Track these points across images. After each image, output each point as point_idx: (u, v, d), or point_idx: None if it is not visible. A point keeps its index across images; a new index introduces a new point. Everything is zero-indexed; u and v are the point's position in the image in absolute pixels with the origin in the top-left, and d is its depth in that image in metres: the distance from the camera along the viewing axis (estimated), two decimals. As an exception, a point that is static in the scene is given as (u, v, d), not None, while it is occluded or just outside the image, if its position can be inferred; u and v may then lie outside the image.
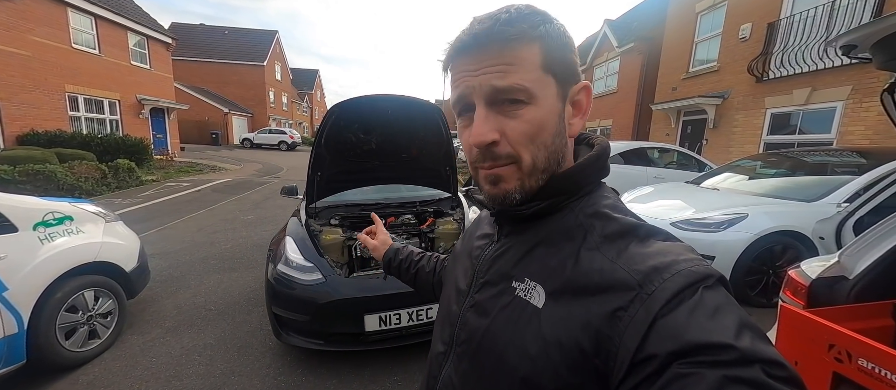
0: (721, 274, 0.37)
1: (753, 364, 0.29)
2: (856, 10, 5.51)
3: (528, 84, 0.41)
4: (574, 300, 0.39)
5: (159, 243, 4.58)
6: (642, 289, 0.35)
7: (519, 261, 0.47)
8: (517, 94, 0.41)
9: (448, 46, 0.45)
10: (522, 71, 0.41)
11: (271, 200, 7.62)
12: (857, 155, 3.84)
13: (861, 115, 5.54)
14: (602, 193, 0.48)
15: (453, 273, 0.61)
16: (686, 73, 9.25)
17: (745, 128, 7.46)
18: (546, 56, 0.42)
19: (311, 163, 2.67)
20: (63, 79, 10.12)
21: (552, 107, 0.43)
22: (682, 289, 0.34)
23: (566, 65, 0.44)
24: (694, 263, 0.37)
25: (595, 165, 0.47)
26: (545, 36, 0.42)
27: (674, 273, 0.36)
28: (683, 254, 0.38)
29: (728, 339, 0.30)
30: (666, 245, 0.40)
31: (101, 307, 2.40)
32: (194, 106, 21.02)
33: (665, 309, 0.33)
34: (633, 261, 0.38)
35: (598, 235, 0.42)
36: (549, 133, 0.43)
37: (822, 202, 2.92)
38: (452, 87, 0.45)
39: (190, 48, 26.04)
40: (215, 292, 3.27)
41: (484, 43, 0.41)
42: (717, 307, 0.33)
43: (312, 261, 2.17)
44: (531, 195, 0.45)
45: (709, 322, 0.32)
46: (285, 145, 22.95)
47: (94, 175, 7.77)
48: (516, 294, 0.44)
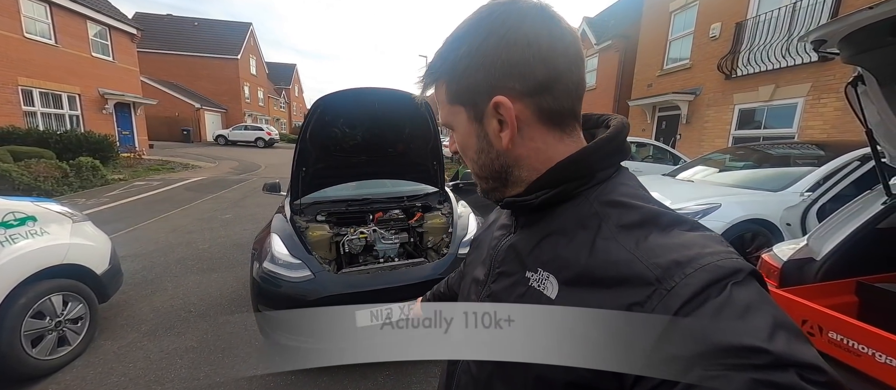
0: (753, 267, 0.35)
1: (788, 368, 0.27)
2: (815, 12, 5.87)
3: (446, 118, 0.49)
4: (588, 292, 0.38)
5: (131, 244, 4.35)
6: (661, 285, 0.33)
7: (532, 251, 0.46)
8: (448, 126, 0.50)
9: None
10: (442, 109, 0.49)
11: (250, 198, 7.38)
12: (815, 147, 4.12)
13: (819, 111, 5.92)
14: (620, 180, 0.45)
15: (473, 263, 0.62)
16: (661, 70, 9.59)
17: (716, 124, 7.83)
18: (449, 90, 0.47)
19: (295, 158, 2.60)
20: (15, 71, 9.39)
21: (468, 130, 0.48)
22: (707, 286, 0.31)
23: (474, 89, 0.44)
24: (721, 257, 0.34)
25: (606, 148, 0.45)
26: (447, 72, 0.46)
27: (697, 267, 0.33)
28: (710, 246, 0.35)
29: (760, 342, 0.28)
30: (692, 236, 0.37)
31: (71, 312, 2.26)
32: (163, 101, 19.98)
33: (687, 307, 0.31)
34: (652, 253, 0.36)
35: (615, 224, 0.40)
36: (473, 150, 0.49)
37: (787, 191, 3.12)
38: None
39: (157, 40, 24.68)
40: (194, 293, 3.14)
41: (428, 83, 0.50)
42: (748, 305, 0.31)
43: (300, 258, 2.12)
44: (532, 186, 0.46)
45: (738, 322, 0.30)
46: (263, 142, 22.24)
47: (53, 174, 7.27)
48: (530, 284, 0.44)
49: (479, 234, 0.67)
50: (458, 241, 2.38)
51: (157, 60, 24.15)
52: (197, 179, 9.61)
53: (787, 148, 4.46)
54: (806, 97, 6.11)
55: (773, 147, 4.53)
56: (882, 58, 1.17)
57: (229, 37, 27.86)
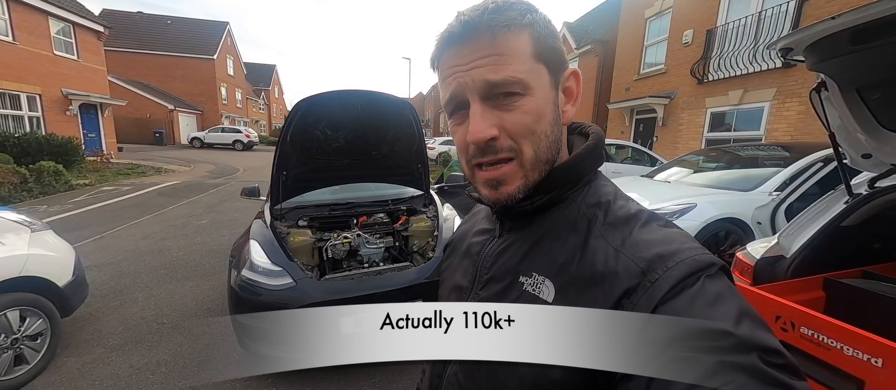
0: (723, 263, 0.37)
1: (751, 351, 0.30)
2: (778, 22, 6.21)
3: (522, 75, 0.40)
4: (583, 292, 0.39)
5: (98, 253, 4.11)
6: (646, 277, 0.36)
7: (525, 256, 0.46)
8: (513, 87, 0.40)
9: (436, 41, 0.43)
10: (516, 62, 0.40)
11: (228, 203, 7.13)
12: (781, 149, 4.35)
13: (784, 114, 6.26)
14: (600, 182, 0.48)
15: (452, 269, 0.59)
16: (638, 74, 9.91)
17: (690, 126, 8.15)
18: (536, 44, 0.41)
19: (275, 162, 2.53)
20: (-34, 69, 8.75)
21: (547, 96, 0.43)
22: (685, 277, 0.34)
23: (555, 52, 0.43)
24: (697, 252, 0.37)
25: (593, 154, 0.47)
26: (534, 23, 0.41)
27: (678, 261, 0.35)
28: (686, 242, 0.38)
29: (727, 326, 0.31)
30: (668, 232, 0.40)
31: (29, 328, 2.11)
32: (134, 102, 19.08)
33: (667, 296, 0.34)
34: (636, 248, 0.38)
35: (601, 224, 0.42)
36: (547, 122, 0.43)
37: (757, 191, 3.27)
38: (442, 86, 0.44)
39: (128, 38, 23.57)
40: (167, 304, 3.00)
41: (474, 34, 0.40)
42: (718, 295, 0.34)
43: (280, 265, 2.05)
44: (532, 189, 0.44)
45: (708, 309, 0.32)
46: (241, 145, 21.55)
47: (10, 179, 6.80)
48: (524, 289, 0.44)
49: (455, 238, 0.65)
50: (443, 245, 2.37)
51: (128, 59, 23.07)
52: (170, 184, 9.21)
53: (755, 149, 4.69)
54: (772, 101, 6.44)
55: (743, 149, 4.75)
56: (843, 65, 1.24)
57: (205, 36, 26.91)
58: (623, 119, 10.44)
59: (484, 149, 0.42)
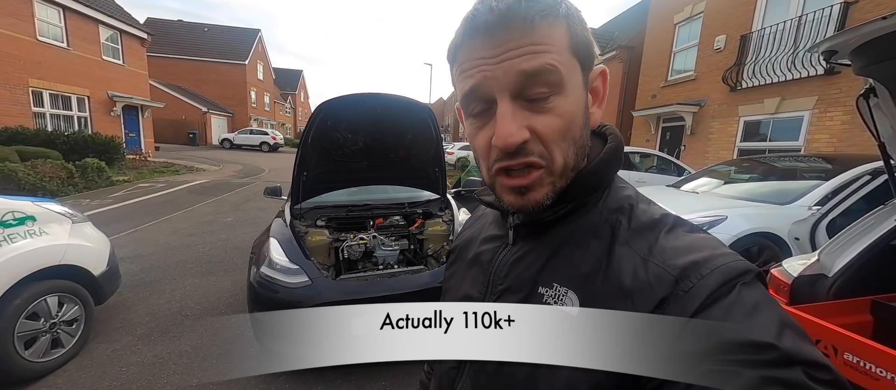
0: (759, 269, 0.35)
1: (795, 365, 0.28)
2: (821, 25, 5.85)
3: (560, 66, 0.36)
4: (610, 301, 0.36)
5: (131, 246, 4.34)
6: (678, 286, 0.33)
7: (545, 265, 0.43)
8: (547, 78, 0.36)
9: (459, 27, 0.38)
10: (552, 52, 0.36)
11: (252, 202, 7.39)
12: (822, 160, 4.07)
13: (826, 124, 5.86)
14: (620, 185, 0.45)
15: (458, 278, 0.55)
16: (665, 81, 9.59)
17: (721, 135, 7.78)
18: (572, 37, 0.37)
19: (296, 162, 2.59)
20: (26, 73, 9.55)
21: (580, 97, 0.39)
22: (720, 286, 0.32)
23: (588, 47, 0.39)
24: (732, 258, 0.34)
25: (616, 158, 0.44)
26: (570, 14, 0.37)
27: (712, 269, 0.33)
28: (718, 247, 0.36)
29: (769, 338, 0.29)
30: (698, 237, 0.38)
31: (66, 314, 2.24)
32: (171, 104, 20.22)
33: (702, 306, 0.32)
34: (666, 255, 0.36)
35: (626, 230, 0.40)
36: (578, 126, 0.39)
37: (795, 205, 3.06)
38: (462, 78, 0.39)
39: (168, 45, 25.11)
40: (192, 297, 3.12)
41: (506, 21, 0.35)
42: (756, 304, 0.32)
43: (298, 264, 2.09)
44: (558, 196, 0.41)
45: (747, 320, 0.30)
46: (267, 146, 22.39)
47: (59, 174, 7.33)
48: (545, 301, 0.40)
49: (459, 244, 0.60)
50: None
51: (167, 64, 24.53)
52: (200, 182, 9.66)
53: (793, 160, 4.41)
54: (812, 110, 6.06)
55: (779, 159, 4.48)
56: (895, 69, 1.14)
57: (238, 43, 28.29)
58: (649, 127, 10.10)
59: (513, 154, 0.38)
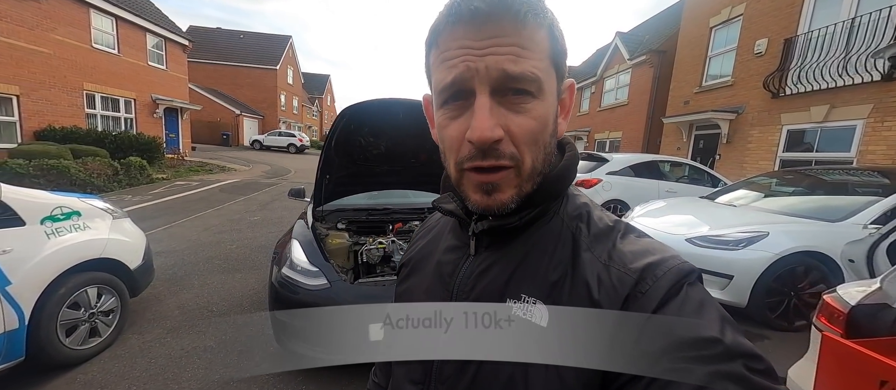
0: (699, 270, 0.38)
1: (736, 359, 0.30)
2: (877, 29, 5.39)
3: (540, 74, 0.36)
4: (578, 310, 0.37)
5: (165, 241, 4.58)
6: (637, 288, 0.35)
7: (512, 276, 0.41)
8: (528, 85, 0.36)
9: (443, 10, 0.37)
10: (535, 58, 0.36)
11: (278, 202, 7.64)
12: (879, 175, 3.71)
13: (883, 134, 5.38)
14: (574, 191, 0.47)
15: (415, 292, 0.52)
16: (699, 86, 9.14)
17: (760, 144, 7.31)
18: (552, 44, 0.38)
19: (320, 165, 2.64)
20: (82, 77, 10.36)
21: (552, 104, 0.39)
22: (672, 286, 0.35)
23: (564, 57, 0.40)
24: (679, 260, 0.37)
25: (574, 166, 0.45)
26: (553, 22, 0.38)
27: (665, 270, 0.36)
28: (668, 251, 0.39)
29: (715, 333, 0.32)
30: (648, 241, 0.41)
31: (104, 304, 2.37)
32: (207, 107, 21.40)
33: (659, 306, 0.34)
34: (625, 259, 0.38)
35: (586, 237, 0.41)
36: (548, 132, 0.39)
37: (847, 223, 2.81)
38: (442, 67, 0.37)
39: (206, 50, 26.61)
40: (218, 293, 3.23)
41: (495, 14, 0.34)
42: (701, 302, 0.34)
43: (318, 266, 2.12)
44: (524, 201, 0.40)
45: (695, 317, 0.33)
46: (294, 148, 23.18)
47: (106, 171, 7.88)
48: (514, 313, 0.39)
49: (413, 256, 0.57)
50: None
51: (205, 68, 25.99)
52: (231, 181, 10.11)
53: (844, 173, 4.06)
54: (866, 119, 5.57)
55: (828, 172, 4.14)
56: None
57: (271, 48, 29.60)
58: (680, 134, 9.65)
59: (485, 152, 0.36)
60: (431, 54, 0.40)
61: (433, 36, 0.39)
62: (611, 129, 13.43)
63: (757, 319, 2.76)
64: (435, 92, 0.40)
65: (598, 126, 14.33)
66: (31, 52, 8.99)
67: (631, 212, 4.30)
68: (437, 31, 0.38)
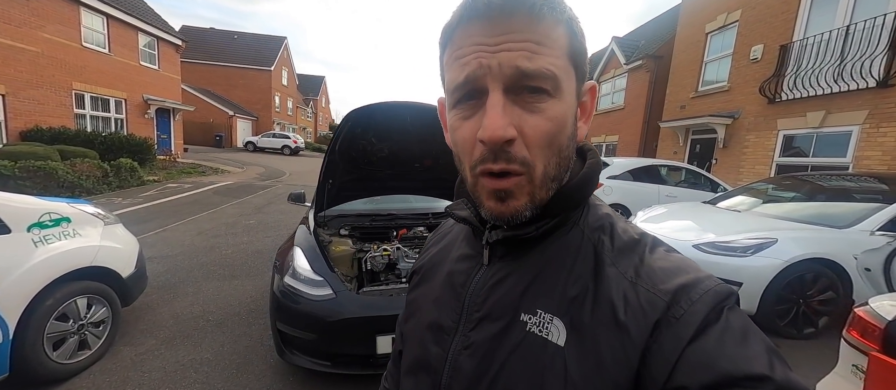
0: (735, 290, 0.35)
1: None
2: (871, 36, 5.47)
3: (557, 71, 0.34)
4: (603, 332, 0.34)
5: (158, 246, 4.44)
6: (670, 312, 0.32)
7: (527, 289, 0.39)
8: (543, 82, 0.34)
9: (457, 8, 0.36)
10: (552, 55, 0.34)
11: (274, 205, 7.50)
12: (876, 180, 3.74)
13: (878, 140, 5.45)
14: (596, 203, 0.44)
15: (424, 303, 0.49)
16: (695, 91, 9.23)
17: (757, 149, 7.38)
18: (571, 42, 0.36)
19: (322, 170, 2.56)
20: (71, 76, 10.12)
21: (571, 104, 0.37)
22: (709, 312, 0.32)
23: (584, 57, 0.38)
24: (715, 282, 0.34)
25: (596, 175, 0.42)
26: (572, 19, 0.36)
27: (701, 293, 0.33)
28: (699, 270, 0.36)
29: (764, 370, 0.29)
30: (678, 258, 0.38)
31: (94, 315, 2.25)
32: (200, 107, 21.08)
33: (697, 334, 0.31)
34: (654, 278, 0.35)
35: (610, 251, 0.38)
36: (566, 135, 0.37)
37: (854, 229, 2.80)
38: (455, 65, 0.36)
39: (199, 51, 26.27)
40: (214, 301, 3.12)
41: (509, 10, 0.33)
42: (744, 330, 0.32)
43: (322, 275, 2.03)
44: (539, 209, 0.38)
45: (740, 348, 0.30)
46: (288, 149, 22.94)
47: (95, 173, 7.66)
48: (529, 330, 0.37)
49: (424, 264, 0.54)
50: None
51: (198, 69, 25.63)
52: (225, 184, 9.92)
53: (842, 180, 4.08)
54: (862, 125, 5.65)
55: (826, 178, 4.16)
56: None
57: (265, 49, 29.33)
58: (676, 138, 9.72)
59: (497, 154, 0.34)
60: (445, 54, 0.38)
61: (446, 34, 0.37)
62: (607, 133, 13.51)
63: (766, 327, 2.74)
64: (448, 92, 0.39)
65: (595, 130, 14.40)
66: (18, 50, 8.75)
67: (634, 218, 4.27)
68: (450, 29, 0.37)
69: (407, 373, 0.49)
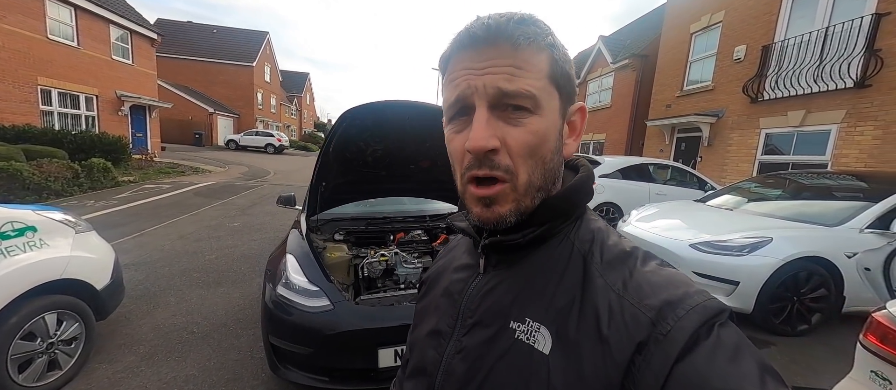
0: (729, 307, 0.35)
1: None
2: (849, 38, 5.66)
3: (535, 91, 0.38)
4: (586, 344, 0.35)
5: (135, 251, 4.18)
6: (656, 329, 0.33)
7: (516, 298, 0.41)
8: (523, 101, 0.37)
9: (451, 40, 0.40)
10: (530, 77, 0.38)
11: (259, 206, 7.24)
12: (854, 178, 3.87)
13: (855, 139, 5.65)
14: (590, 216, 0.45)
15: (427, 311, 0.53)
16: (680, 90, 9.41)
17: (740, 147, 7.57)
18: (553, 66, 0.39)
19: (315, 171, 2.43)
20: (35, 70, 9.50)
21: (554, 121, 0.40)
22: (699, 328, 0.32)
23: (569, 81, 0.42)
24: (705, 297, 0.34)
25: (586, 187, 0.44)
26: (554, 46, 0.40)
27: (688, 309, 0.33)
28: (690, 285, 0.36)
29: (754, 388, 0.29)
30: (669, 273, 0.38)
31: (65, 332, 2.07)
32: (178, 104, 20.24)
33: (684, 351, 0.31)
34: (641, 293, 0.35)
35: (599, 263, 0.39)
36: (548, 148, 0.40)
37: (844, 227, 2.86)
38: (449, 87, 0.41)
39: (177, 45, 25.24)
40: (198, 311, 2.94)
41: (494, 39, 0.37)
42: (736, 347, 0.31)
43: (318, 285, 1.91)
44: (524, 217, 0.40)
45: (731, 366, 0.30)
46: (272, 148, 22.33)
47: (64, 174, 7.21)
48: (517, 337, 0.39)
49: (430, 275, 0.58)
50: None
51: (176, 65, 24.63)
52: (206, 184, 9.53)
53: (821, 177, 4.20)
54: (840, 124, 5.85)
55: (806, 176, 4.28)
56: None
57: (247, 45, 28.42)
58: (662, 137, 9.91)
59: (481, 161, 0.38)
60: (443, 78, 0.43)
61: (443, 62, 0.42)
62: (594, 132, 13.67)
63: (761, 325, 2.77)
64: (444, 110, 0.43)
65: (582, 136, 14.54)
66: (-24, 43, 8.15)
67: (628, 217, 4.29)
68: (446, 58, 0.41)
69: (408, 378, 0.52)
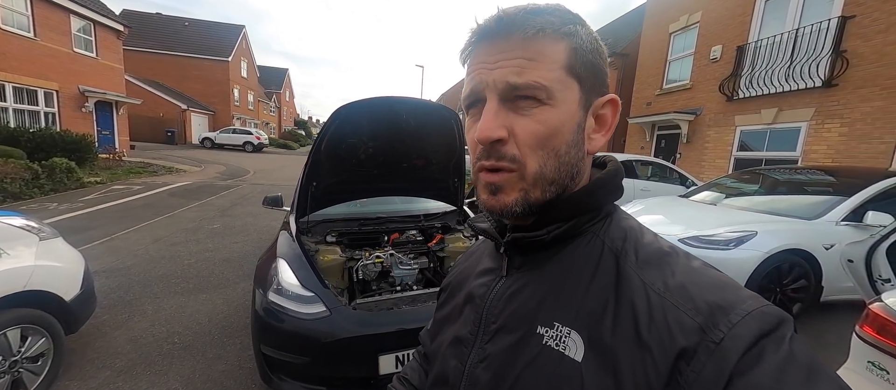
0: (792, 316, 0.26)
1: None
2: (817, 40, 5.96)
3: (546, 82, 0.36)
4: (623, 350, 0.33)
5: (106, 257, 3.92)
6: (706, 336, 0.30)
7: (543, 301, 0.39)
8: (533, 92, 0.37)
9: (469, 34, 0.40)
10: (542, 68, 0.37)
11: (240, 206, 6.96)
12: (823, 173, 4.09)
13: (823, 135, 5.96)
14: (621, 216, 0.43)
15: (449, 317, 0.51)
16: (660, 89, 9.68)
17: (717, 144, 7.87)
18: (572, 56, 0.38)
19: (305, 171, 2.32)
20: (-13, 63, 8.78)
21: (571, 113, 0.38)
22: (760, 338, 0.29)
23: (595, 72, 0.40)
24: (760, 302, 0.31)
25: (613, 183, 0.43)
26: (573, 35, 0.38)
27: (744, 314, 0.30)
28: (740, 288, 0.33)
29: None
30: (714, 274, 0.35)
31: (30, 349, 1.89)
32: (148, 101, 19.20)
33: (742, 364, 0.28)
34: (685, 295, 0.33)
35: (634, 262, 0.37)
36: (562, 140, 0.38)
37: (822, 220, 3.00)
38: (467, 80, 0.41)
39: (146, 38, 23.93)
40: (178, 320, 2.77)
41: (506, 31, 0.37)
42: (811, 368, 0.28)
43: (313, 290, 1.82)
44: (535, 209, 0.39)
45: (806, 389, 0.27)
46: (251, 146, 21.58)
47: (22, 175, 6.70)
48: (545, 343, 0.37)
49: (452, 280, 0.56)
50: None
51: (145, 59, 23.36)
52: (182, 184, 9.09)
53: (793, 173, 4.41)
54: (809, 121, 6.16)
55: (779, 171, 4.48)
56: None
57: (221, 38, 27.27)
58: (643, 134, 10.18)
59: (489, 151, 0.38)
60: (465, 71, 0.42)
61: (463, 56, 0.42)
62: (577, 129, 13.91)
63: (747, 316, 2.87)
64: (462, 103, 0.42)
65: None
66: (-84, 32, 7.43)
67: (616, 212, 4.35)
68: (465, 51, 0.41)
69: (430, 389, 0.50)
